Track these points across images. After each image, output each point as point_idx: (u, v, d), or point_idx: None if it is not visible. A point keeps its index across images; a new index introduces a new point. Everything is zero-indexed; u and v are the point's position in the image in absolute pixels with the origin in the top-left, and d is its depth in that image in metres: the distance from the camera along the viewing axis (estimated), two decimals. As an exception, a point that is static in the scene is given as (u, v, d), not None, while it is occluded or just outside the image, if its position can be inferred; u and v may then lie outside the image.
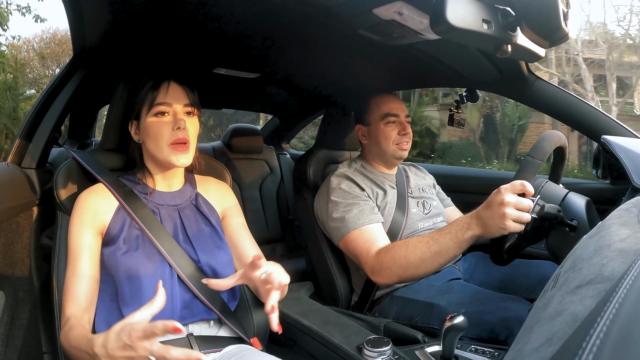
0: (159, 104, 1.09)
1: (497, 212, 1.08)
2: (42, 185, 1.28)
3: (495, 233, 1.11)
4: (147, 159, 1.16)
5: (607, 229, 0.52)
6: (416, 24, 1.08)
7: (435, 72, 1.67)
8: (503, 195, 1.08)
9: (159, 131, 1.09)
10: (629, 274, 0.37)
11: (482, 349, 1.09)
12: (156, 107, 1.09)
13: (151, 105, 1.09)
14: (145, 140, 1.12)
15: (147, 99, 1.10)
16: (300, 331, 1.36)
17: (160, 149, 1.09)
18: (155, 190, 1.16)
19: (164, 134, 1.09)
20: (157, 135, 1.09)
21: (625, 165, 1.25)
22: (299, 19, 1.20)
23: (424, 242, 1.24)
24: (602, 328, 0.30)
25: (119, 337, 0.78)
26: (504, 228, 1.07)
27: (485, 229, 1.12)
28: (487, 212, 1.11)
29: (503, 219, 1.07)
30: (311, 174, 1.74)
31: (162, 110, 1.10)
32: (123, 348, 0.77)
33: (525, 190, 1.07)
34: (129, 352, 0.77)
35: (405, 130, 1.60)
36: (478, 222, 1.14)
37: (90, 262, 1.04)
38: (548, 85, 1.51)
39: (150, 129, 1.09)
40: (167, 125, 1.09)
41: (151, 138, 1.10)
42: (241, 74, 1.84)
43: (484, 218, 1.12)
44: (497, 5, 0.87)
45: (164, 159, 1.10)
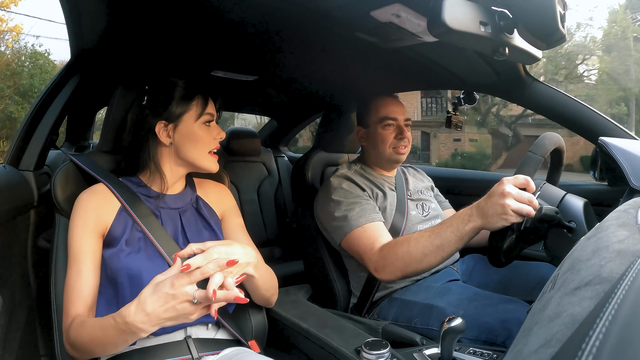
0: (209, 114, 1.16)
1: (499, 203, 1.07)
2: (40, 188, 1.28)
3: (495, 224, 1.10)
4: (171, 162, 1.16)
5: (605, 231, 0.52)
6: (414, 26, 1.08)
7: (433, 75, 1.67)
8: (505, 186, 1.07)
9: (206, 138, 1.15)
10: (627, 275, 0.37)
11: (481, 351, 1.09)
12: (206, 116, 1.15)
13: (202, 113, 1.15)
14: (185, 144, 1.14)
15: (195, 105, 1.14)
16: (298, 334, 1.35)
17: (201, 155, 1.16)
18: (156, 192, 1.16)
19: (209, 142, 1.16)
20: (204, 142, 1.15)
21: (622, 166, 1.25)
22: (297, 21, 1.21)
23: (425, 236, 1.24)
24: (601, 329, 0.30)
25: (159, 292, 0.81)
26: (504, 218, 1.07)
27: (486, 219, 1.12)
28: (488, 202, 1.11)
29: (504, 210, 1.06)
30: (309, 176, 1.74)
31: (210, 120, 1.16)
32: (165, 301, 0.81)
33: (528, 186, 1.08)
34: (171, 303, 0.81)
35: (403, 134, 1.60)
36: (479, 213, 1.13)
37: (93, 263, 1.03)
38: (545, 87, 1.52)
39: (198, 136, 1.14)
40: (212, 133, 1.17)
41: (197, 144, 1.14)
42: (239, 76, 1.84)
43: (485, 208, 1.11)
44: (495, 7, 0.87)
45: (202, 164, 1.16)
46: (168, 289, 0.80)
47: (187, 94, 1.13)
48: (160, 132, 1.12)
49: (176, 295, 0.80)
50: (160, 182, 1.16)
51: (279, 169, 2.84)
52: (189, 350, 1.05)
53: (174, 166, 1.17)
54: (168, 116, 1.12)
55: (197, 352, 1.05)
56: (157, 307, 0.81)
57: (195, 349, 1.06)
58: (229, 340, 1.15)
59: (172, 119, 1.12)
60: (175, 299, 0.80)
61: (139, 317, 0.82)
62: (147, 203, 1.13)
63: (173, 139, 1.13)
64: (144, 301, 0.82)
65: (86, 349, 0.93)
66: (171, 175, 1.17)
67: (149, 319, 0.82)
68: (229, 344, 1.13)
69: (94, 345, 0.92)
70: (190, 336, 1.08)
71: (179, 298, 0.80)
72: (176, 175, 1.18)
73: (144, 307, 0.81)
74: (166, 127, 1.13)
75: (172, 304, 0.81)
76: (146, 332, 0.83)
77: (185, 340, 1.07)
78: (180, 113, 1.12)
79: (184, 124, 1.13)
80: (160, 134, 1.12)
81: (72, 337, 0.95)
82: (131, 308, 0.83)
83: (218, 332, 1.15)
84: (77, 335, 0.94)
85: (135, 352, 1.03)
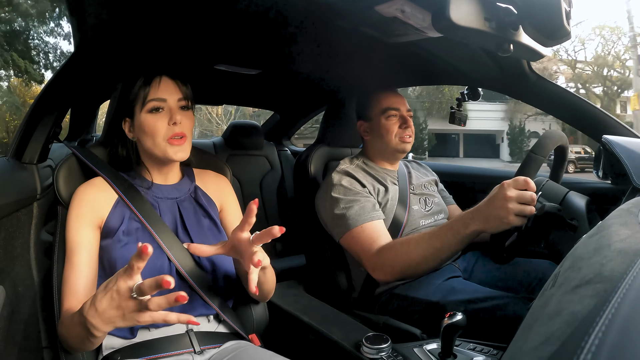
0: (153, 99, 1.08)
1: (500, 207, 1.07)
2: (43, 181, 1.28)
3: (497, 228, 1.10)
4: (144, 156, 1.15)
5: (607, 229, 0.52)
6: (418, 21, 1.08)
7: (437, 70, 1.66)
8: (506, 190, 1.07)
9: (155, 127, 1.07)
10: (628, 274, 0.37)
11: (481, 347, 1.09)
12: (150, 102, 1.08)
13: (144, 101, 1.07)
14: (141, 137, 1.10)
15: (139, 95, 1.08)
16: (299, 327, 1.36)
17: (157, 145, 1.08)
18: (152, 183, 1.16)
19: (159, 130, 1.07)
20: (153, 131, 1.07)
21: (625, 165, 1.25)
22: (301, 15, 1.20)
23: (425, 238, 1.24)
24: (601, 328, 0.30)
25: (107, 288, 0.77)
26: (506, 222, 1.07)
27: (486, 223, 1.12)
28: (489, 207, 1.11)
29: (506, 213, 1.06)
30: (312, 171, 1.74)
31: (156, 106, 1.08)
32: (111, 297, 0.76)
33: (528, 187, 1.07)
34: (116, 300, 0.76)
35: (407, 124, 1.60)
36: (479, 217, 1.13)
37: (89, 255, 1.04)
38: (549, 83, 1.51)
39: (146, 125, 1.08)
40: (163, 120, 1.08)
41: (147, 134, 1.08)
42: (242, 70, 1.84)
43: (486, 213, 1.12)
44: (499, 3, 0.87)
45: (161, 154, 1.09)
46: (113, 285, 0.76)
47: (135, 85, 1.09)
48: (125, 128, 1.12)
49: (118, 291, 0.76)
50: (147, 175, 1.15)
51: (281, 163, 2.84)
52: (190, 343, 1.06)
53: (148, 159, 1.15)
54: (127, 111, 1.10)
55: (199, 346, 1.06)
56: (105, 305, 0.77)
57: (197, 342, 1.06)
58: (230, 333, 1.16)
59: (127, 113, 1.11)
60: (118, 295, 0.76)
61: (91, 312, 0.78)
62: (145, 194, 1.13)
63: (134, 133, 1.12)
64: (96, 297, 0.78)
65: (68, 340, 0.93)
66: (155, 168, 1.16)
67: (100, 317, 0.78)
68: (230, 337, 1.13)
69: (71, 335, 0.90)
70: (192, 329, 1.08)
71: (121, 295, 0.76)
72: (160, 167, 1.17)
73: (95, 303, 0.78)
74: (126, 122, 1.12)
75: (116, 301, 0.76)
76: (99, 330, 0.79)
77: (187, 333, 1.07)
78: (132, 104, 1.09)
79: (136, 116, 1.09)
80: (126, 130, 1.12)
81: (60, 329, 0.96)
82: (87, 303, 0.80)
83: (219, 326, 1.15)
84: (61, 328, 0.95)
85: (137, 345, 1.03)
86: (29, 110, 1.35)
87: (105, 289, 0.77)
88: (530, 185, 1.08)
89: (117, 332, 1.02)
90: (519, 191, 1.07)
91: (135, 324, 0.79)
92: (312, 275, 1.79)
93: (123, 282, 0.75)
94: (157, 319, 0.77)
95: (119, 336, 1.03)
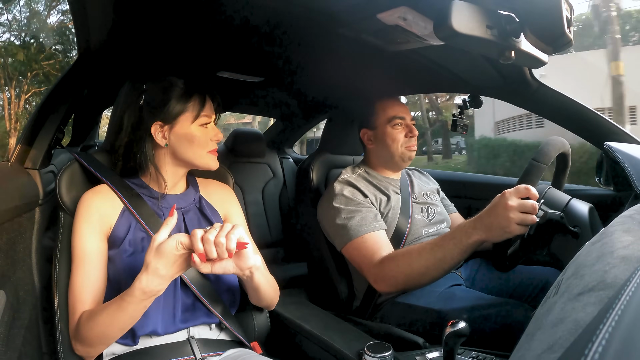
0: (206, 115, 1.15)
1: (501, 216, 1.07)
2: (45, 186, 1.28)
3: (499, 237, 1.10)
4: (168, 162, 1.16)
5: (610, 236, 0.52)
6: (420, 29, 1.08)
7: (439, 78, 1.67)
8: (507, 199, 1.07)
9: (203, 140, 1.14)
10: (631, 281, 0.36)
11: (484, 355, 1.09)
12: (203, 118, 1.14)
13: (198, 114, 1.13)
14: (182, 145, 1.13)
15: (192, 106, 1.13)
16: (301, 335, 1.35)
17: (200, 155, 1.15)
18: (159, 193, 1.16)
19: (207, 143, 1.16)
20: (202, 144, 1.15)
21: (628, 171, 1.25)
22: (303, 23, 1.21)
23: (427, 249, 1.23)
24: (604, 335, 0.30)
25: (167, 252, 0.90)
26: (508, 232, 1.07)
27: (489, 233, 1.11)
28: (490, 216, 1.11)
29: (507, 223, 1.06)
30: (314, 178, 1.74)
31: (207, 122, 1.16)
32: (175, 260, 0.91)
33: (530, 194, 1.07)
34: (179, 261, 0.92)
35: (412, 133, 1.61)
36: (481, 227, 1.13)
37: (99, 264, 1.04)
38: (551, 90, 1.51)
39: (195, 137, 1.13)
40: (209, 135, 1.16)
41: (193, 145, 1.14)
42: (245, 77, 1.84)
43: (488, 222, 1.11)
44: (501, 11, 0.87)
45: (203, 164, 1.16)
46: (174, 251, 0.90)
47: (185, 94, 1.12)
48: (156, 133, 1.12)
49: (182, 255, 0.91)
50: (161, 183, 1.15)
51: (283, 171, 2.84)
52: (192, 350, 1.05)
53: (171, 167, 1.16)
54: (164, 117, 1.11)
55: (200, 353, 1.06)
56: (169, 268, 0.90)
57: (198, 350, 1.06)
58: (232, 341, 1.15)
59: (169, 120, 1.11)
60: (181, 257, 0.91)
61: (155, 282, 0.90)
62: (150, 203, 1.13)
63: (169, 140, 1.13)
64: (154, 268, 0.89)
65: (100, 337, 0.95)
66: (170, 176, 1.17)
67: (164, 280, 0.91)
68: (232, 345, 1.13)
69: (109, 330, 0.94)
70: (193, 337, 1.08)
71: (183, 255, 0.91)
72: (176, 176, 1.18)
73: (157, 273, 0.90)
74: (162, 128, 1.12)
75: (179, 261, 0.91)
76: (163, 290, 0.93)
77: (188, 340, 1.07)
78: (176, 114, 1.11)
79: (180, 125, 1.12)
80: (156, 135, 1.12)
81: (82, 333, 0.96)
82: (143, 278, 0.90)
83: (221, 333, 1.15)
84: (89, 328, 0.95)
85: (139, 352, 1.03)
86: (32, 115, 1.35)
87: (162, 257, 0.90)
88: (532, 193, 1.07)
89: (119, 339, 1.02)
90: (521, 200, 1.07)
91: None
92: (314, 283, 1.78)
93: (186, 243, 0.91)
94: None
95: (120, 343, 1.03)
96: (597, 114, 1.48)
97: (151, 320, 1.02)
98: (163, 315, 1.05)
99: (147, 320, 1.02)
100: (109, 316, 0.93)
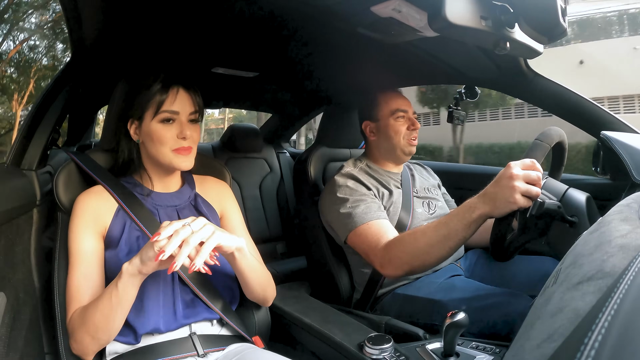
0: (167, 111, 1.08)
1: (506, 186, 1.06)
2: (42, 187, 1.28)
3: (503, 209, 1.08)
4: (146, 160, 1.15)
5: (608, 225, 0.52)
6: (414, 21, 1.08)
7: (434, 69, 1.66)
8: (512, 169, 1.06)
9: (164, 138, 1.08)
10: (629, 270, 0.37)
11: (484, 345, 1.09)
12: (163, 113, 1.08)
13: (158, 110, 1.07)
14: (147, 142, 1.10)
15: (153, 102, 1.07)
16: (301, 329, 1.36)
17: (163, 154, 1.09)
18: (152, 191, 1.16)
19: (168, 141, 1.08)
20: (162, 141, 1.08)
21: (625, 160, 1.25)
22: (298, 17, 1.20)
23: (432, 227, 1.22)
24: (603, 324, 0.30)
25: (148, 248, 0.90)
26: (513, 202, 1.05)
27: (493, 205, 1.10)
28: (495, 188, 1.09)
29: (512, 192, 1.04)
30: (312, 172, 1.74)
31: (168, 117, 1.08)
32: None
33: (535, 167, 1.07)
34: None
35: (415, 126, 1.62)
36: (486, 200, 1.11)
37: (95, 264, 1.04)
38: (547, 81, 1.51)
39: (154, 135, 1.08)
40: (172, 132, 1.09)
41: (154, 142, 1.09)
42: (240, 73, 1.84)
43: (493, 194, 1.10)
44: (495, 1, 0.87)
45: (166, 163, 1.10)
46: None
47: (150, 89, 1.08)
48: (131, 129, 1.12)
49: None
50: (147, 181, 1.16)
51: (280, 165, 2.84)
52: (194, 346, 1.06)
53: (150, 165, 1.15)
54: (133, 113, 1.10)
55: (203, 349, 1.06)
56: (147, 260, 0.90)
57: (200, 346, 1.06)
58: (234, 336, 1.16)
59: (136, 116, 1.10)
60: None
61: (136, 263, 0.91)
62: (144, 202, 1.13)
63: (140, 136, 1.12)
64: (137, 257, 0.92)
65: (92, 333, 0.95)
66: (155, 174, 1.16)
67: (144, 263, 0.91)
68: (234, 340, 1.14)
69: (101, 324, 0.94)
70: (195, 332, 1.08)
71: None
72: (161, 174, 1.17)
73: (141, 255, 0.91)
74: (132, 124, 1.11)
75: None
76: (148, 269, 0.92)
77: (190, 336, 1.07)
78: (142, 110, 1.08)
79: (145, 121, 1.09)
80: (132, 130, 1.12)
81: (75, 330, 0.97)
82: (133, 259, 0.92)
83: (222, 329, 1.16)
84: (81, 324, 0.95)
85: (141, 350, 1.03)
86: (27, 116, 1.35)
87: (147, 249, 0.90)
88: (537, 167, 1.07)
89: (120, 338, 1.02)
90: (526, 171, 1.06)
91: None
92: (313, 277, 1.78)
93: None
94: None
95: (122, 342, 1.03)
96: (593, 104, 1.48)
97: (152, 318, 1.03)
98: (164, 313, 1.05)
99: (148, 319, 1.02)
100: (99, 308, 0.93)
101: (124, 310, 0.95)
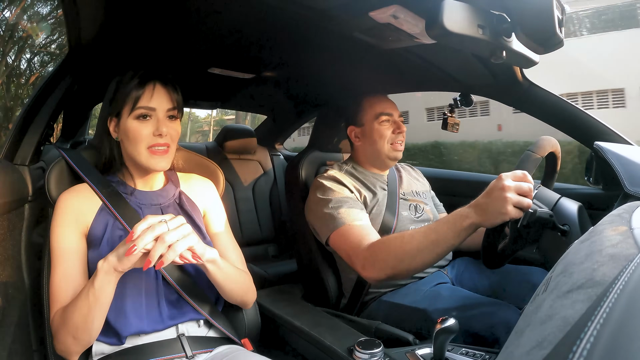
0: (143, 107, 1.06)
1: (498, 197, 1.06)
2: (35, 182, 1.27)
3: (494, 220, 1.08)
4: (126, 158, 1.13)
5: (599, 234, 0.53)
6: (411, 27, 1.08)
7: (430, 76, 1.67)
8: (504, 180, 1.07)
9: (139, 135, 1.06)
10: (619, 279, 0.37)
11: (473, 351, 1.09)
12: (138, 110, 1.06)
13: (134, 106, 1.06)
14: (124, 140, 1.09)
15: (129, 98, 1.06)
16: (291, 332, 1.36)
17: (138, 152, 1.07)
18: (135, 189, 1.15)
19: (143, 138, 1.06)
20: (137, 139, 1.06)
21: (617, 171, 1.26)
22: (295, 20, 1.20)
23: (421, 232, 1.20)
24: (592, 332, 0.30)
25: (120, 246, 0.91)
26: (505, 213, 1.05)
27: (485, 216, 1.10)
28: (487, 199, 1.09)
29: (504, 204, 1.04)
30: (303, 176, 1.74)
31: (144, 114, 1.06)
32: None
33: (526, 180, 1.07)
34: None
35: (400, 129, 1.60)
36: (477, 211, 1.11)
37: (78, 262, 1.03)
38: (542, 90, 1.52)
39: (130, 132, 1.06)
40: (148, 129, 1.07)
41: (130, 140, 1.07)
42: (236, 74, 1.84)
43: (484, 205, 1.10)
44: (493, 11, 0.88)
45: (141, 162, 1.08)
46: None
47: (127, 85, 1.07)
48: (110, 127, 1.11)
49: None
50: (129, 179, 1.15)
51: (274, 168, 2.84)
52: (182, 348, 1.05)
53: (131, 163, 1.13)
54: (112, 110, 1.09)
55: (191, 350, 1.05)
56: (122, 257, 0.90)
57: (188, 347, 1.05)
58: (222, 338, 1.15)
59: (114, 113, 1.09)
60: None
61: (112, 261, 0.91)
62: (128, 201, 1.12)
63: (118, 133, 1.10)
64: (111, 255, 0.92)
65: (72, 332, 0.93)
66: (137, 172, 1.15)
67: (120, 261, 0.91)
68: (222, 342, 1.13)
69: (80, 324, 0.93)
70: (183, 334, 1.08)
71: None
72: (142, 171, 1.15)
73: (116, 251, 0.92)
74: (112, 121, 1.10)
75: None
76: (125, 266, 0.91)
77: (179, 338, 1.06)
78: (120, 106, 1.07)
79: (122, 118, 1.07)
80: (111, 128, 1.11)
81: (57, 331, 0.96)
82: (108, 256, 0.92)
83: (210, 330, 1.15)
84: (62, 324, 0.95)
85: (128, 350, 1.03)
86: (21, 111, 1.34)
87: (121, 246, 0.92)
88: (528, 178, 1.07)
89: (105, 339, 1.01)
90: (517, 182, 1.07)
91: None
92: (303, 280, 1.78)
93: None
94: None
95: (106, 342, 1.02)
96: (587, 114, 1.49)
97: (133, 319, 1.02)
98: (147, 313, 1.04)
99: (129, 320, 1.01)
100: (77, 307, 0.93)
101: (103, 310, 0.94)
